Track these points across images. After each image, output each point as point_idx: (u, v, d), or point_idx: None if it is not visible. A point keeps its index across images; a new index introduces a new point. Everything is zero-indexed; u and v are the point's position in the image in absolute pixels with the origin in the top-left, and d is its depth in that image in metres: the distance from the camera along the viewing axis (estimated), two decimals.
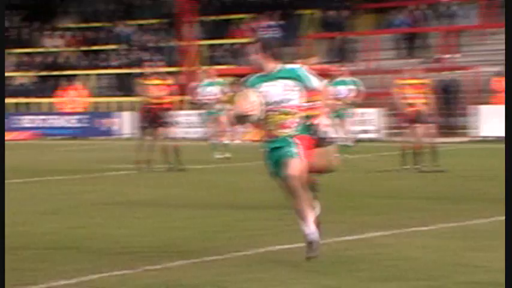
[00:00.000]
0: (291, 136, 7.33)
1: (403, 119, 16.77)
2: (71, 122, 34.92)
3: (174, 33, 36.50)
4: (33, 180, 15.82)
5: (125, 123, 33.63)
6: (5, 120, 35.39)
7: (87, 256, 8.00)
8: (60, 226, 9.97)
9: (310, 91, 7.42)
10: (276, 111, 7.32)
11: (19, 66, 39.60)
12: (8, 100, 37.81)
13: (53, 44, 39.94)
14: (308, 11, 34.97)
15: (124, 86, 36.68)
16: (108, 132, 33.61)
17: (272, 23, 35.00)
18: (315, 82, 7.43)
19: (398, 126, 20.27)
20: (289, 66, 7.49)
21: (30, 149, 26.94)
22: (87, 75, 37.86)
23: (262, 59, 7.40)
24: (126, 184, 14.99)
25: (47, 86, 38.18)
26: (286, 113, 7.33)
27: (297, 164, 7.22)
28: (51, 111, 36.49)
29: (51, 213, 11.15)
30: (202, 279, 6.86)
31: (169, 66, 31.70)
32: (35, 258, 7.89)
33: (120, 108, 35.11)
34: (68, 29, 40.38)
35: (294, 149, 7.26)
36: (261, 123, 7.44)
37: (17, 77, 39.39)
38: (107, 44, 38.68)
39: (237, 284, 6.71)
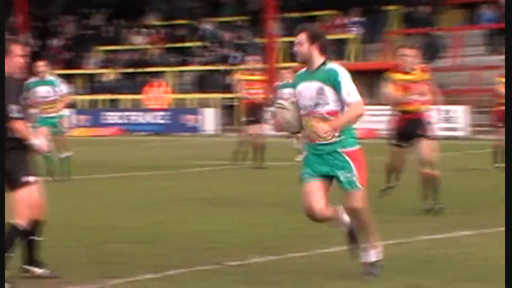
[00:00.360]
0: (336, 146, 6.61)
1: (497, 117, 16.38)
2: (156, 118, 35.36)
3: (258, 30, 36.60)
4: (117, 176, 16.04)
5: (208, 119, 33.87)
6: (92, 116, 36.12)
7: (171, 251, 8.05)
8: (144, 221, 10.05)
9: (343, 102, 6.58)
10: (308, 115, 6.63)
11: (106, 63, 40.31)
12: (95, 96, 38.55)
13: (138, 41, 40.52)
14: (393, 7, 34.58)
15: (208, 82, 36.96)
16: (191, 129, 33.91)
17: (355, 19, 34.76)
18: (350, 95, 6.55)
19: (490, 124, 19.84)
20: (332, 66, 6.65)
21: (115, 145, 27.37)
22: (172, 72, 38.28)
23: (308, 51, 6.60)
24: (209, 180, 15.08)
25: (132, 83, 38.76)
26: (322, 118, 6.58)
27: (361, 196, 6.67)
28: (136, 108, 37.02)
29: (135, 209, 11.25)
30: (285, 276, 6.84)
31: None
32: (120, 252, 7.98)
33: (204, 104, 35.38)
34: (154, 26, 40.90)
35: (353, 176, 6.63)
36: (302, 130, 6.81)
37: (104, 73, 40.10)
38: (191, 41, 39.03)
39: (320, 281, 6.67)
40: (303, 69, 6.74)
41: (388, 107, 11.24)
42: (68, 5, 43.48)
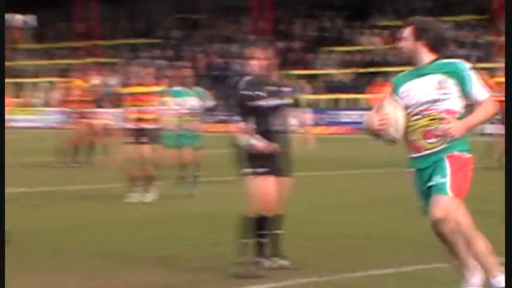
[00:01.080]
0: (442, 152, 5.59)
1: None
2: None
3: (492, 28, 35.79)
4: (352, 173, 16.35)
5: None
6: (328, 115, 36.83)
7: (403, 248, 8.13)
8: (376, 217, 10.23)
9: (468, 99, 5.62)
10: (419, 114, 5.63)
11: (340, 64, 40.99)
12: (330, 96, 39.39)
13: (370, 42, 40.87)
14: None
15: None
16: None
17: None
18: (481, 91, 5.58)
19: None
20: (451, 60, 5.70)
21: (350, 143, 27.71)
22: (399, 71, 38.26)
23: (414, 48, 5.72)
24: None
25: (366, 83, 39.16)
26: (433, 118, 5.59)
27: (446, 203, 5.53)
28: (369, 107, 37.31)
29: (367, 205, 11.44)
30: None
31: (487, 62, 31.21)
32: (353, 248, 8.17)
33: None
34: (385, 27, 41.07)
35: (445, 179, 5.55)
36: (400, 139, 5.77)
37: (339, 74, 40.80)
38: None
39: None
40: (407, 71, 5.96)
41: None
42: (302, 8, 44.65)
